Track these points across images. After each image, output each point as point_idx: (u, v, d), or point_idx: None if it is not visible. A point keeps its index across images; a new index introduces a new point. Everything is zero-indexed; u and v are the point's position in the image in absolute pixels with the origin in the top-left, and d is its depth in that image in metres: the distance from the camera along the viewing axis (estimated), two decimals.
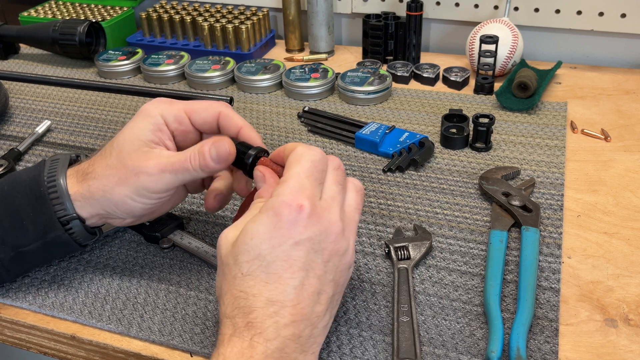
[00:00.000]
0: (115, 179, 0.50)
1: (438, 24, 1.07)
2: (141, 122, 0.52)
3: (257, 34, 1.06)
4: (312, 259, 0.43)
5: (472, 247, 0.60)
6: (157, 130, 0.52)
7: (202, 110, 0.53)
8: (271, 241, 0.42)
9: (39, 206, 0.52)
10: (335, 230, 0.44)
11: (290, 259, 0.42)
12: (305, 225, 0.42)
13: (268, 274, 0.42)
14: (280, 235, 0.42)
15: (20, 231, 0.52)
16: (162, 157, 0.50)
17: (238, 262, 0.43)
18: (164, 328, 0.53)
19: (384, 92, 0.89)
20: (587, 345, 0.50)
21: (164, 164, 0.50)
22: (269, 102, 0.92)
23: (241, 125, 0.54)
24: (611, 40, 0.98)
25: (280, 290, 0.42)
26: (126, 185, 0.50)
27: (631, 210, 0.65)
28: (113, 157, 0.51)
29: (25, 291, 0.57)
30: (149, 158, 0.50)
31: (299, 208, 0.42)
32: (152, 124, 0.52)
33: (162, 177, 0.50)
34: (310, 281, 0.43)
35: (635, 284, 0.55)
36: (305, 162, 0.45)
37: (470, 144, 0.77)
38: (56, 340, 0.55)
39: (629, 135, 0.78)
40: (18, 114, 0.91)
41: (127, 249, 0.62)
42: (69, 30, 1.02)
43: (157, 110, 0.52)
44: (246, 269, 0.42)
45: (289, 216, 0.42)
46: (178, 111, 0.53)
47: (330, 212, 0.44)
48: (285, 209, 0.42)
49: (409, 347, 0.49)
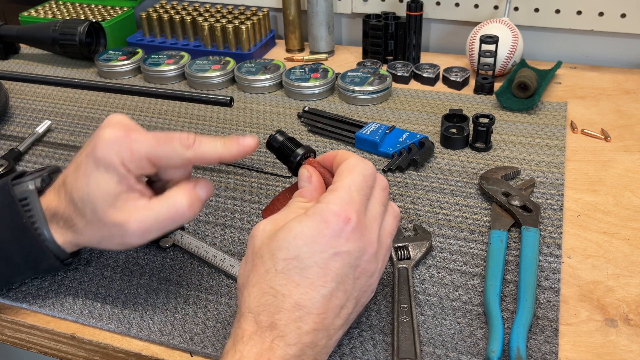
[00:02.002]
0: (99, 236, 0.49)
1: (438, 24, 1.07)
2: (105, 175, 0.47)
3: (257, 34, 1.06)
4: (346, 273, 0.43)
5: (472, 247, 0.60)
6: (122, 181, 0.48)
7: (168, 159, 0.48)
8: (313, 246, 0.42)
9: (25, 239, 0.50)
10: (371, 250, 0.44)
11: (327, 268, 0.42)
12: (348, 238, 0.43)
13: (301, 277, 0.42)
14: (323, 242, 0.42)
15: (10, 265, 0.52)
16: (143, 214, 0.48)
17: (275, 257, 0.42)
18: (164, 328, 0.53)
19: (384, 92, 0.89)
20: (587, 345, 0.50)
21: (148, 224, 0.48)
22: (269, 102, 0.92)
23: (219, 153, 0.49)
24: (611, 40, 0.98)
25: (310, 296, 0.42)
26: (113, 241, 0.49)
27: (631, 210, 0.65)
28: (88, 212, 0.48)
29: (25, 291, 0.57)
30: (129, 217, 0.48)
31: (346, 220, 0.43)
32: (116, 175, 0.47)
33: (148, 235, 0.49)
34: (338, 294, 0.43)
35: (635, 284, 0.55)
36: (357, 175, 0.45)
37: (470, 144, 0.77)
38: (56, 340, 0.55)
39: (629, 135, 0.78)
40: (18, 114, 0.91)
41: (127, 249, 0.62)
42: (69, 30, 1.02)
43: (117, 158, 0.47)
44: (282, 266, 0.42)
45: (336, 226, 0.42)
46: (140, 161, 0.48)
47: (370, 232, 0.44)
48: (333, 218, 0.42)
49: (409, 347, 0.49)
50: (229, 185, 0.72)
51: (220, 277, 0.58)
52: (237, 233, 0.64)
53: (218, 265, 0.58)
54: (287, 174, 0.73)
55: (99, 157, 0.48)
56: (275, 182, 0.72)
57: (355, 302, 0.45)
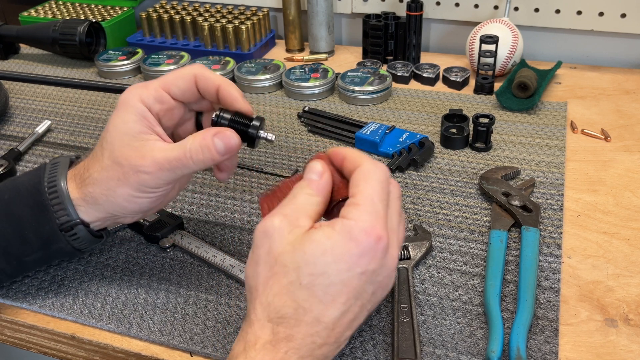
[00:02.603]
0: (114, 182, 0.49)
1: (438, 24, 1.07)
2: (124, 114, 0.49)
3: (257, 34, 1.06)
4: (366, 289, 0.42)
5: (472, 247, 0.60)
6: (142, 119, 0.49)
7: (178, 79, 0.51)
8: (341, 264, 0.41)
9: (41, 217, 0.50)
10: (392, 265, 0.43)
11: (350, 286, 0.41)
12: (377, 257, 0.41)
13: (325, 293, 0.41)
14: (351, 261, 0.41)
15: (23, 242, 0.52)
16: (157, 152, 0.48)
17: (300, 271, 0.41)
18: (164, 328, 0.53)
19: (384, 92, 0.89)
20: (587, 345, 0.50)
21: (161, 162, 0.48)
22: (269, 102, 0.92)
23: (218, 82, 0.51)
24: (611, 40, 0.98)
25: (330, 312, 0.41)
26: (127, 185, 0.48)
27: (631, 210, 0.65)
28: (105, 158, 0.49)
29: (25, 291, 0.57)
30: (144, 155, 0.48)
31: (377, 239, 0.41)
32: (135, 113, 0.49)
33: (161, 174, 0.48)
34: (355, 308, 0.42)
35: (635, 284, 0.55)
36: (375, 182, 0.43)
37: (470, 144, 0.77)
38: (56, 340, 0.55)
39: (629, 135, 0.78)
40: (18, 114, 0.91)
41: (127, 249, 0.62)
42: (69, 30, 1.02)
43: (135, 97, 0.49)
44: (307, 280, 0.41)
45: (366, 245, 0.41)
46: (156, 91, 0.50)
47: (393, 247, 0.43)
48: (363, 237, 0.41)
49: (409, 347, 0.49)
50: (229, 185, 0.72)
51: (220, 277, 0.58)
52: (237, 233, 0.64)
53: (218, 265, 0.58)
54: (287, 174, 0.73)
55: (120, 102, 0.49)
56: (276, 182, 0.72)
57: (367, 313, 0.44)
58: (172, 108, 0.51)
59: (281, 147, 0.79)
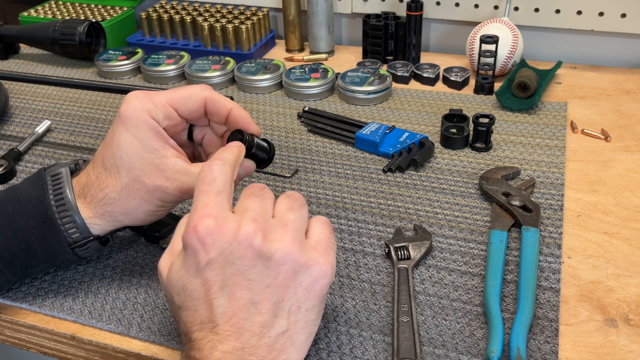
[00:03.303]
0: (136, 201, 0.50)
1: (438, 24, 1.07)
2: (136, 131, 0.49)
3: (257, 34, 1.06)
4: (231, 272, 0.41)
5: (472, 247, 0.60)
6: (157, 135, 0.50)
7: (187, 99, 0.52)
8: (189, 271, 0.42)
9: (48, 231, 0.51)
10: (241, 235, 0.41)
11: (209, 281, 0.41)
12: (208, 243, 0.41)
13: (194, 301, 0.42)
14: (193, 263, 0.42)
15: (29, 255, 0.52)
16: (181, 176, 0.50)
17: (172, 298, 0.43)
18: (164, 328, 0.53)
19: (384, 92, 0.89)
20: (587, 345, 0.50)
21: (185, 187, 0.50)
22: (269, 102, 0.92)
23: (230, 107, 0.52)
24: (611, 40, 0.98)
25: (208, 311, 0.41)
26: (150, 203, 0.51)
27: (631, 210, 0.65)
28: (123, 176, 0.50)
29: (25, 291, 0.57)
30: (168, 177, 0.50)
31: (194, 230, 0.41)
32: (149, 130, 0.50)
33: (185, 196, 0.51)
34: (236, 294, 0.41)
35: (635, 284, 0.55)
36: (196, 184, 0.45)
37: (470, 144, 0.77)
38: (56, 340, 0.55)
39: (629, 135, 0.78)
40: (18, 114, 0.91)
41: (127, 249, 0.62)
42: (69, 30, 1.02)
43: (144, 112, 0.50)
44: (178, 301, 0.43)
45: (191, 242, 0.41)
46: (164, 107, 0.51)
47: (233, 220, 0.42)
48: (187, 239, 0.42)
49: (409, 347, 0.49)
50: None
51: None
52: None
53: None
54: (287, 174, 0.73)
55: (126, 117, 0.50)
56: (275, 182, 0.72)
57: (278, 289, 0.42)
58: (177, 124, 0.53)
59: (281, 147, 0.79)
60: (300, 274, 0.43)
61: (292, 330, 0.43)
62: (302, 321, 0.43)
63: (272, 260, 0.42)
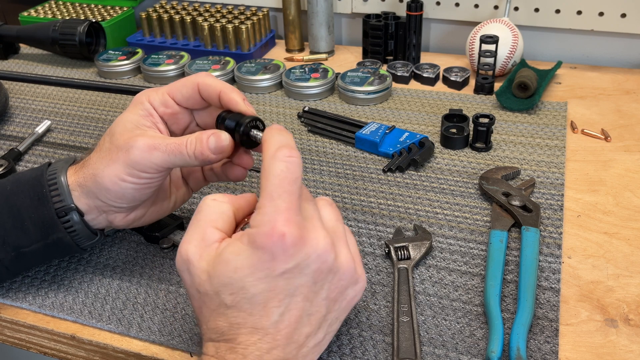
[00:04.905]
0: (106, 161, 0.51)
1: (438, 24, 1.07)
2: (133, 109, 0.53)
3: (257, 34, 1.06)
4: (300, 283, 0.41)
5: (472, 247, 0.60)
6: (147, 115, 0.52)
7: (182, 87, 0.53)
8: (256, 274, 0.40)
9: (40, 206, 0.52)
10: (321, 248, 0.41)
11: (276, 289, 0.41)
12: (290, 254, 0.40)
13: (252, 305, 0.41)
14: (265, 267, 0.40)
15: (22, 232, 0.52)
16: (156, 137, 0.51)
17: (221, 294, 0.41)
18: (164, 328, 0.53)
19: (384, 92, 0.89)
20: (587, 345, 0.50)
21: (157, 143, 0.50)
22: (269, 102, 0.92)
23: (220, 88, 0.52)
24: (611, 40, 0.98)
25: (263, 320, 0.41)
26: (116, 163, 0.50)
27: (631, 210, 0.65)
28: (106, 142, 0.52)
29: (25, 291, 0.57)
30: (141, 135, 0.50)
31: (280, 237, 0.40)
32: (142, 109, 0.52)
33: (153, 153, 0.49)
34: (297, 305, 0.41)
35: (635, 284, 0.55)
36: (273, 177, 0.42)
37: (470, 144, 0.77)
38: (56, 340, 0.55)
39: (629, 135, 0.78)
40: (18, 114, 0.91)
41: (127, 249, 0.62)
42: (69, 30, 1.02)
43: (144, 97, 0.53)
44: (230, 300, 0.41)
45: (272, 248, 0.40)
46: (162, 95, 0.53)
47: (312, 231, 0.42)
48: (267, 242, 0.40)
49: (409, 347, 0.49)
50: (229, 185, 0.72)
51: None
52: None
53: None
54: None
55: (132, 102, 0.53)
56: None
57: (329, 302, 0.43)
58: (177, 113, 0.54)
59: None
60: (349, 289, 0.44)
61: (324, 340, 0.44)
62: (333, 332, 0.45)
63: (337, 274, 0.43)
